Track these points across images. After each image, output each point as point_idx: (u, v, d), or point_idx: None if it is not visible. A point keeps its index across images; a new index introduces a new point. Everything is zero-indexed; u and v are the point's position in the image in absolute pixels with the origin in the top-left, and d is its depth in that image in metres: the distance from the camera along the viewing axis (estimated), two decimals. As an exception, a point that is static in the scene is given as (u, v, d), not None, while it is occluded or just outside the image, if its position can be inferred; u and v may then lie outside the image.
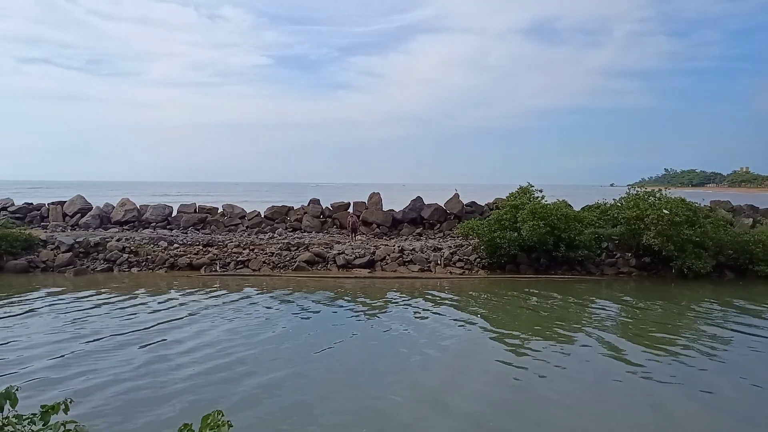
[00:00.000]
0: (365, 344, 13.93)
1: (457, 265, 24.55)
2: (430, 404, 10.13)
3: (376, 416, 9.60)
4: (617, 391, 10.87)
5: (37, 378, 11.04)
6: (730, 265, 24.04)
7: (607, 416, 9.71)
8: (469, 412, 9.77)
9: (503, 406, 10.08)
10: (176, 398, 10.13)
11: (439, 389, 10.88)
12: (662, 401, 10.32)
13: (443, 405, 10.08)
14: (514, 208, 24.98)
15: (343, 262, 24.24)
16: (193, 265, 24.08)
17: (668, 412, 9.86)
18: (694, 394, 10.75)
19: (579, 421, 9.45)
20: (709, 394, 10.70)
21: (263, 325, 15.45)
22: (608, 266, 24.62)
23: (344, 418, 9.48)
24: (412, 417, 9.57)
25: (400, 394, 10.53)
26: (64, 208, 33.01)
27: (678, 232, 22.84)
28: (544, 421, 9.43)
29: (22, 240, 24.46)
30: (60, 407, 3.24)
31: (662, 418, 9.61)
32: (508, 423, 9.42)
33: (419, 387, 10.97)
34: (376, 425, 9.23)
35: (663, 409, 9.97)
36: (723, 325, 16.03)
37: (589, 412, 9.88)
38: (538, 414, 9.74)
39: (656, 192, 25.80)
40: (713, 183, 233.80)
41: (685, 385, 11.15)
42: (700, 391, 10.88)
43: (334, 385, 11.02)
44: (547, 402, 10.22)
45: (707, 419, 9.67)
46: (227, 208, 33.96)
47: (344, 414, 9.66)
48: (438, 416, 9.59)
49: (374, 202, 33.11)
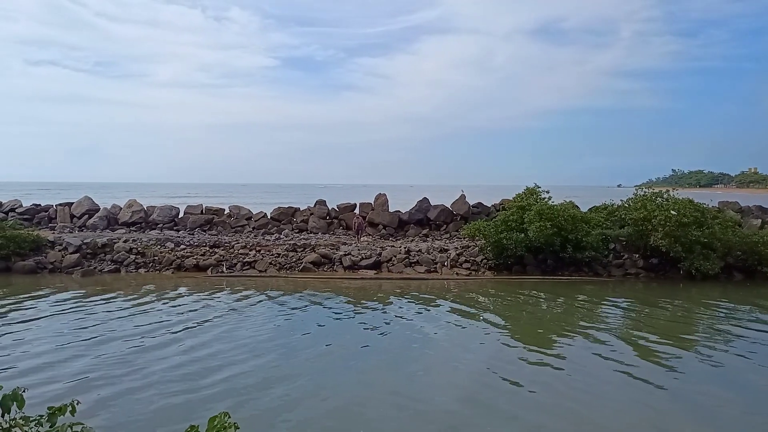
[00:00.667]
0: (381, 347, 13.87)
1: (464, 266, 24.50)
2: (419, 411, 10.10)
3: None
4: (624, 393, 10.77)
5: (43, 379, 11.09)
6: (738, 266, 23.87)
7: (614, 416, 9.65)
8: (472, 411, 9.74)
9: (508, 407, 10.03)
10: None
11: (451, 391, 10.85)
12: (669, 403, 10.25)
13: (455, 406, 10.05)
14: (520, 209, 24.93)
15: (349, 264, 24.24)
16: (200, 266, 24.14)
17: (674, 414, 9.78)
18: (702, 396, 10.66)
19: (587, 420, 9.41)
20: (717, 397, 10.61)
21: (270, 326, 15.44)
22: (616, 267, 24.50)
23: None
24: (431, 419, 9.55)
25: (415, 397, 10.51)
26: (72, 210, 33.21)
27: (686, 233, 22.70)
28: (550, 421, 9.38)
29: (30, 241, 24.63)
30: (67, 409, 3.25)
31: (669, 419, 9.54)
32: (512, 422, 9.39)
33: (428, 389, 10.95)
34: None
35: (670, 411, 9.89)
36: (732, 327, 15.88)
37: (598, 413, 9.81)
38: (542, 414, 9.68)
39: (664, 193, 25.66)
40: (721, 184, 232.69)
41: (693, 388, 11.06)
42: (709, 393, 10.79)
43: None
44: (553, 403, 10.15)
45: (713, 421, 9.59)
46: (234, 209, 34.06)
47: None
48: (446, 416, 9.57)
49: (380, 203, 33.10)
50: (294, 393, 10.50)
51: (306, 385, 10.91)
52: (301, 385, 10.90)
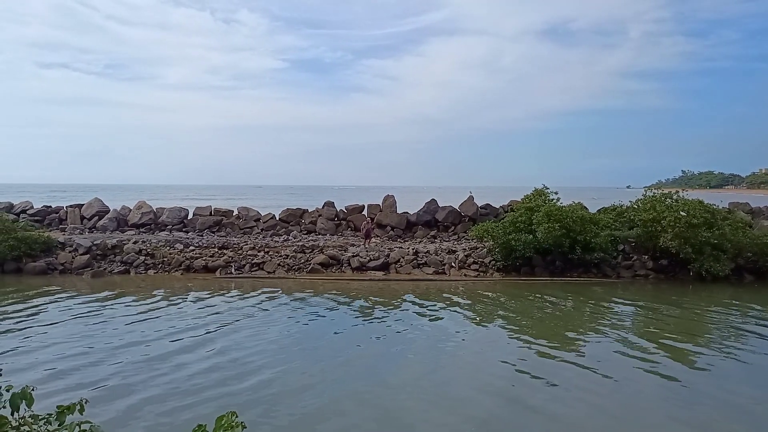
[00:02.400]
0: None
1: (472, 268, 24.44)
2: (448, 407, 10.08)
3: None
4: (635, 395, 10.71)
5: (53, 377, 11.17)
6: (749, 267, 23.68)
7: (625, 419, 9.60)
8: (484, 413, 9.71)
9: (518, 409, 10.00)
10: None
11: (456, 391, 10.83)
12: (678, 406, 10.19)
13: (463, 408, 10.03)
14: (529, 210, 24.84)
15: (357, 265, 24.25)
16: (209, 268, 24.23)
17: (682, 417, 9.72)
18: (712, 399, 10.58)
19: (599, 423, 9.37)
20: (727, 400, 10.53)
21: (288, 330, 15.43)
22: (625, 269, 24.36)
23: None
24: (427, 419, 9.53)
25: (419, 397, 10.49)
26: (82, 211, 33.45)
27: (696, 235, 22.54)
28: (560, 424, 9.35)
29: (41, 242, 24.84)
30: (76, 407, 3.26)
31: (677, 423, 9.48)
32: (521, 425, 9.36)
33: (435, 389, 10.93)
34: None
35: (678, 414, 9.83)
36: (743, 329, 15.76)
37: (610, 415, 9.76)
38: (551, 418, 9.64)
39: (673, 194, 25.51)
40: (731, 185, 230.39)
41: (704, 390, 11.00)
42: (718, 396, 10.71)
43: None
44: (564, 404, 10.12)
45: (726, 424, 9.51)
46: (242, 210, 34.17)
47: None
48: (454, 418, 9.55)
49: (388, 204, 33.10)
50: (320, 401, 10.33)
51: (332, 392, 10.77)
52: (327, 392, 10.73)
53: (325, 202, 34.58)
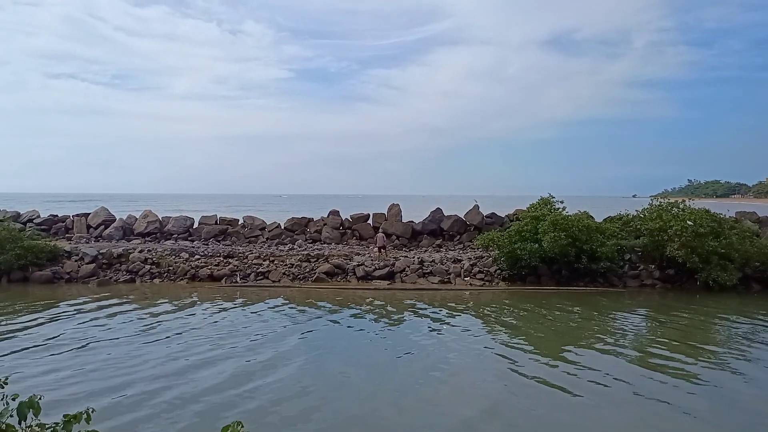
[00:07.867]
0: (408, 359, 13.80)
1: (478, 277, 24.37)
2: (450, 416, 10.03)
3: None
4: (642, 406, 10.63)
5: (65, 395, 11.18)
6: (756, 277, 23.50)
7: (664, 423, 9.56)
8: (488, 425, 9.65)
9: (523, 421, 9.94)
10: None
11: (463, 402, 10.78)
12: (686, 417, 10.10)
13: (465, 416, 9.98)
14: (534, 219, 24.76)
15: (362, 274, 24.22)
16: (214, 276, 24.26)
17: (692, 427, 9.64)
18: (718, 410, 10.50)
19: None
20: (734, 412, 10.44)
21: (295, 340, 15.41)
22: (631, 278, 24.24)
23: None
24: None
25: (427, 408, 10.45)
26: (88, 220, 33.61)
27: (702, 244, 22.41)
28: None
29: (48, 251, 24.97)
30: (82, 416, 3.27)
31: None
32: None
33: (441, 398, 10.88)
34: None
35: (687, 424, 9.75)
36: (750, 339, 15.60)
37: (617, 428, 9.69)
38: (559, 427, 9.58)
39: (680, 203, 25.38)
40: (738, 194, 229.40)
41: (712, 400, 10.91)
42: (725, 407, 10.62)
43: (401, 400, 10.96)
44: (570, 414, 10.05)
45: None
46: (248, 219, 34.25)
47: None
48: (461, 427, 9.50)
49: (394, 213, 33.11)
50: (333, 411, 10.32)
51: (343, 402, 10.75)
52: (336, 403, 10.72)
53: (330, 211, 34.63)
